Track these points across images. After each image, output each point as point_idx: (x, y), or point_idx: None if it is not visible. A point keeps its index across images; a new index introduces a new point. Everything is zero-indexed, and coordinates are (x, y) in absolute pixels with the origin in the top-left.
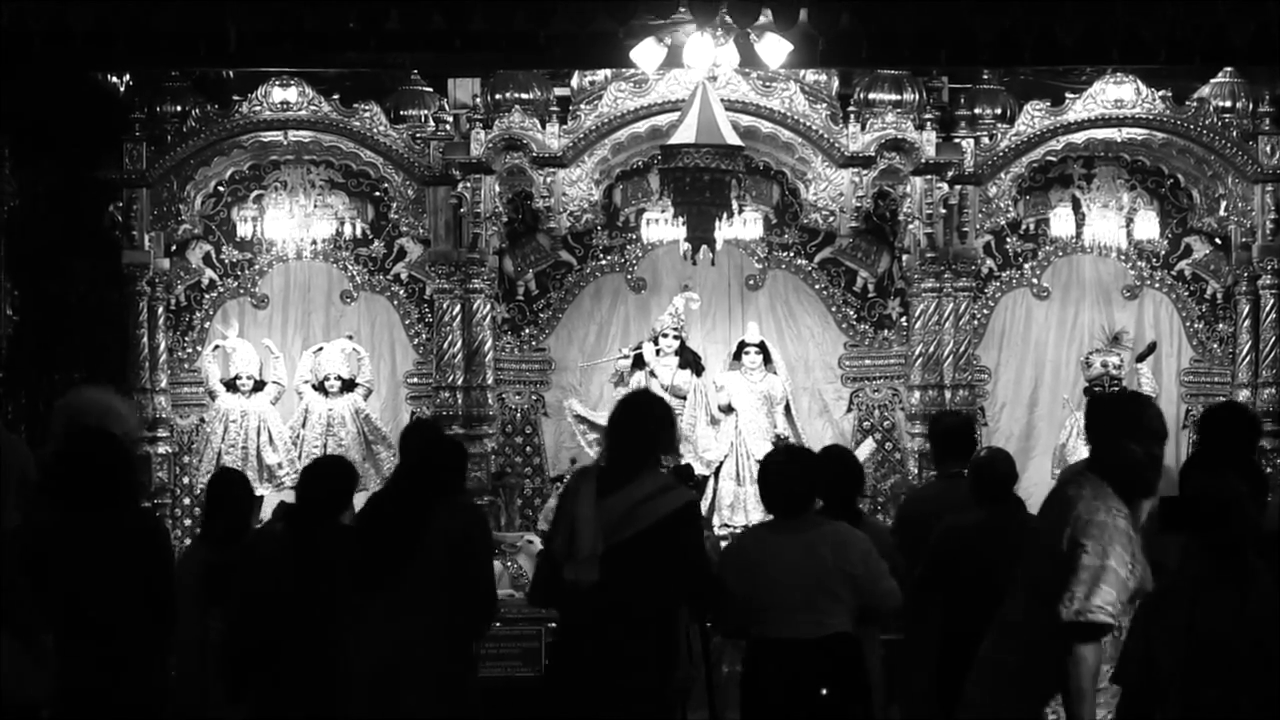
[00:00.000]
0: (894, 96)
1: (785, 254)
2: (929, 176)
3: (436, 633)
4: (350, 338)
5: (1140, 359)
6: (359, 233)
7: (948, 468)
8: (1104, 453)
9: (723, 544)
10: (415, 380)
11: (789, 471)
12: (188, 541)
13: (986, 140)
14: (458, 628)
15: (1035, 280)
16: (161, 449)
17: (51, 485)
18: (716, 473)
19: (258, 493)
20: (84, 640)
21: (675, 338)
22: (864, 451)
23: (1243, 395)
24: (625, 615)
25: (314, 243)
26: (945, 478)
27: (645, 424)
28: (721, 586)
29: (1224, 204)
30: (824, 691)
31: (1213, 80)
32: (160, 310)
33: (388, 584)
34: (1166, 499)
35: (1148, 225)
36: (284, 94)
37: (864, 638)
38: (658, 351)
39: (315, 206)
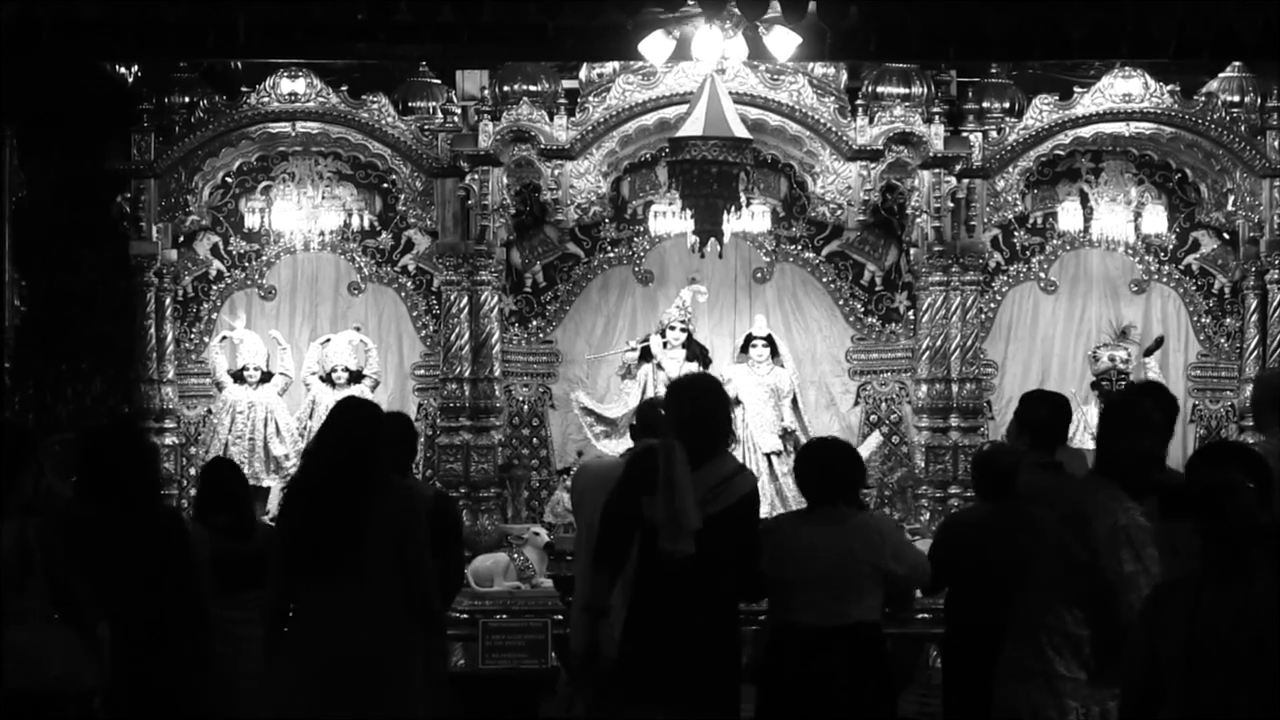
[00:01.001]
0: (902, 90)
1: (793, 247)
2: (937, 170)
3: (389, 622)
4: (358, 329)
5: (1148, 353)
6: (366, 224)
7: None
8: (1112, 454)
9: None
10: (422, 372)
11: (825, 461)
12: None
13: (994, 134)
14: (412, 615)
15: (1043, 274)
16: (168, 440)
17: (80, 479)
18: None
19: (264, 484)
20: (123, 630)
21: (682, 330)
22: (871, 444)
23: (1249, 390)
24: (712, 589)
25: (322, 234)
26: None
27: (725, 403)
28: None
29: (1232, 199)
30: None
31: (1221, 75)
32: (168, 301)
33: (336, 574)
34: (1166, 489)
35: (1155, 220)
36: (292, 85)
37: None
38: (665, 344)
39: (323, 198)
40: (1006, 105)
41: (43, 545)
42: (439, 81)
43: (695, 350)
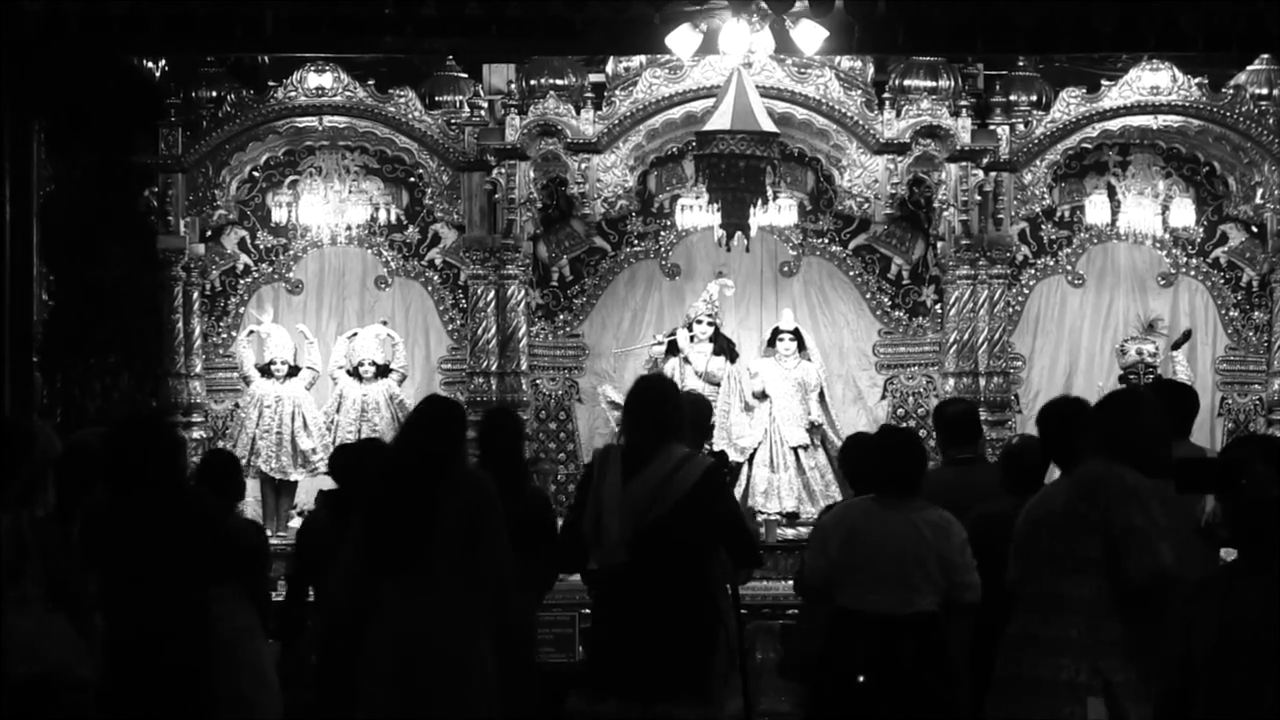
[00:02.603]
0: (929, 83)
1: (820, 241)
2: (964, 163)
3: (463, 617)
4: (385, 323)
5: (1175, 347)
6: (393, 218)
7: (956, 454)
8: (1115, 439)
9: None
10: (449, 366)
11: (900, 451)
12: None
13: (1022, 127)
14: (479, 606)
15: (1070, 267)
16: (196, 434)
17: (103, 470)
18: (750, 459)
19: (292, 478)
20: (131, 620)
21: (709, 324)
22: None
23: (1277, 384)
24: (659, 594)
25: (348, 228)
26: (953, 463)
27: (658, 404)
28: (756, 537)
29: (1260, 191)
30: (860, 679)
31: (1249, 67)
32: (195, 295)
33: (410, 569)
34: (1181, 461)
35: (1183, 213)
36: (319, 79)
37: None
38: (692, 338)
39: (350, 192)
40: (1034, 98)
41: (38, 537)
42: (465, 75)
43: (722, 344)
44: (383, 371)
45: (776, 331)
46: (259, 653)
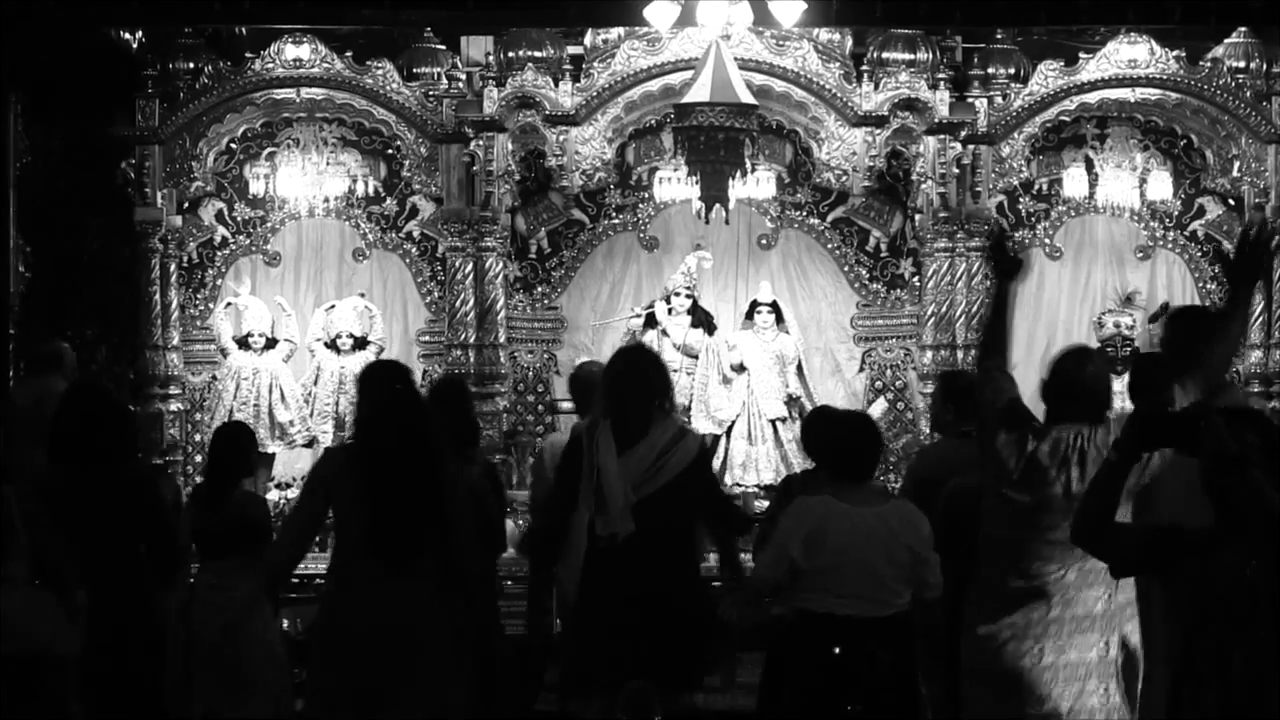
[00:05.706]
0: (907, 56)
1: (798, 213)
2: (942, 136)
3: (426, 595)
4: (362, 295)
5: (1153, 320)
6: (371, 190)
7: (962, 426)
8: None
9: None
10: (427, 338)
11: (853, 436)
12: None
13: (1000, 100)
14: (449, 597)
15: (1048, 240)
16: (173, 406)
17: (53, 441)
18: (728, 432)
19: (269, 450)
20: (98, 591)
21: (687, 297)
22: (876, 411)
23: (1255, 356)
24: (657, 567)
25: (326, 200)
26: (957, 436)
27: (648, 374)
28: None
29: (1237, 165)
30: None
31: (1227, 40)
32: (172, 267)
33: (402, 555)
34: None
35: (1161, 186)
36: (297, 51)
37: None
38: (670, 310)
39: (328, 164)
40: (1012, 71)
41: (23, 511)
42: (444, 47)
43: (700, 317)
44: (360, 344)
45: (754, 304)
46: (265, 624)
